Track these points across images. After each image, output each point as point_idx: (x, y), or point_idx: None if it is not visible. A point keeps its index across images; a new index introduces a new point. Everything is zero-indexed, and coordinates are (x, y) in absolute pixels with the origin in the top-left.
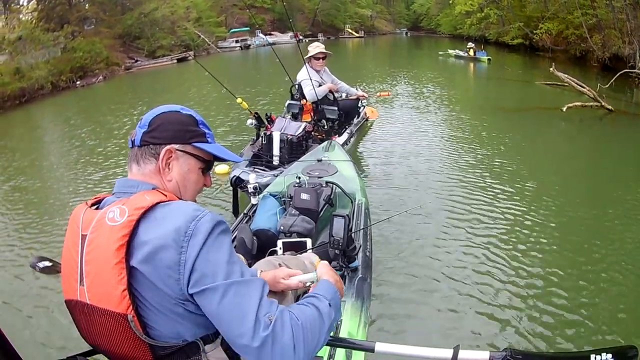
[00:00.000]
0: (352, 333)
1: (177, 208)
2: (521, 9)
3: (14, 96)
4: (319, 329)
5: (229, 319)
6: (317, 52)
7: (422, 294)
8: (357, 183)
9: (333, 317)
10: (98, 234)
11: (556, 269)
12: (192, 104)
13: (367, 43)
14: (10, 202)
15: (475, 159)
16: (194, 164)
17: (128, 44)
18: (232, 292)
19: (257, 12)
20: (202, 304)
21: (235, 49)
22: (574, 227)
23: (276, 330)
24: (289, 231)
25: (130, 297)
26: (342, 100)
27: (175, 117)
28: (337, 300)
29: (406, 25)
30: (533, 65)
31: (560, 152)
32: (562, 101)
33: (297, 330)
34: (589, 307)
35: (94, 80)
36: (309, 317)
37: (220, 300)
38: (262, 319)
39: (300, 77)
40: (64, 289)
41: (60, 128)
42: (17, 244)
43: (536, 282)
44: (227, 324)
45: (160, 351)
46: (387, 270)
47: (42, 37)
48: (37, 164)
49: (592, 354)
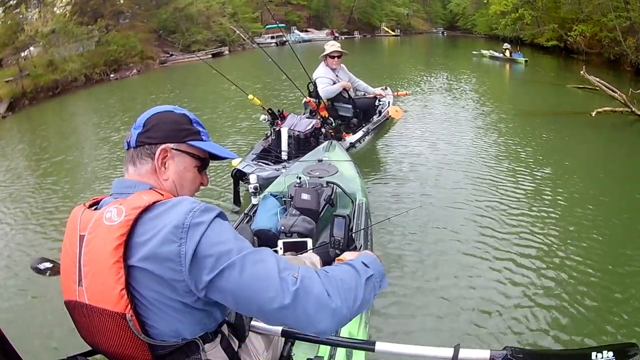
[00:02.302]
0: (353, 333)
1: (173, 205)
2: (556, 10)
3: (47, 88)
4: (355, 279)
5: (255, 288)
6: (332, 50)
7: (422, 293)
8: (358, 183)
9: (371, 273)
10: (96, 234)
11: (556, 269)
12: (224, 97)
13: (403, 42)
14: (27, 198)
15: (493, 161)
16: (189, 162)
17: (163, 38)
18: (249, 263)
19: (293, 9)
20: (222, 287)
21: (271, 45)
22: (582, 226)
23: (305, 282)
24: (289, 231)
25: (128, 297)
26: (359, 98)
27: (169, 116)
28: (376, 263)
29: (442, 24)
30: (566, 68)
31: (585, 158)
32: (593, 105)
33: (327, 280)
34: (589, 305)
35: (127, 73)
36: (340, 270)
37: (240, 273)
38: (287, 278)
39: (315, 75)
40: (63, 289)
41: (92, 119)
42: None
43: (536, 282)
44: (255, 294)
45: (160, 350)
46: (387, 270)
47: (76, 31)
48: (67, 153)
49: (593, 352)
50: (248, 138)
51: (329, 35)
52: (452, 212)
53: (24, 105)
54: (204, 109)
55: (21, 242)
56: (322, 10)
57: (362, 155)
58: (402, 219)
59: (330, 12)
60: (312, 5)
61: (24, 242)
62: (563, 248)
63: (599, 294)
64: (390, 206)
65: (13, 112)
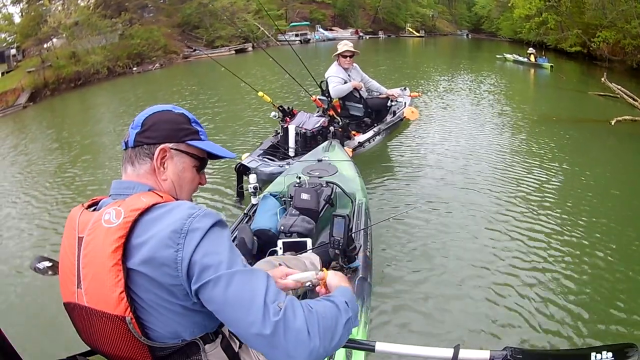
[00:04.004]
0: (353, 333)
1: (172, 208)
2: (579, 16)
3: (69, 79)
4: (335, 319)
5: (237, 308)
6: (344, 49)
7: (422, 293)
8: (358, 183)
9: (350, 315)
10: (94, 236)
11: (557, 270)
12: (245, 91)
13: (427, 43)
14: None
15: (500, 164)
16: (188, 162)
17: (187, 33)
18: (236, 281)
19: (318, 7)
20: (207, 298)
21: (295, 42)
22: (588, 231)
23: (287, 315)
24: (289, 231)
25: (127, 299)
26: (371, 98)
27: (168, 116)
28: (354, 302)
29: (467, 27)
30: (589, 74)
31: (602, 167)
32: (613, 114)
33: (310, 317)
34: (589, 306)
35: (150, 67)
36: (323, 306)
37: (225, 289)
38: (270, 306)
39: (327, 74)
40: (62, 291)
41: (114, 111)
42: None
43: (536, 282)
44: (235, 314)
45: (159, 352)
46: (387, 270)
47: (99, 23)
48: (84, 146)
49: (593, 352)
50: (266, 132)
51: (353, 34)
52: (452, 213)
53: (46, 95)
54: (224, 104)
55: (26, 238)
56: (347, 9)
57: (368, 154)
58: (401, 219)
59: (355, 12)
60: (338, 4)
61: (30, 239)
62: (564, 250)
63: (599, 295)
64: (390, 206)
65: (34, 102)
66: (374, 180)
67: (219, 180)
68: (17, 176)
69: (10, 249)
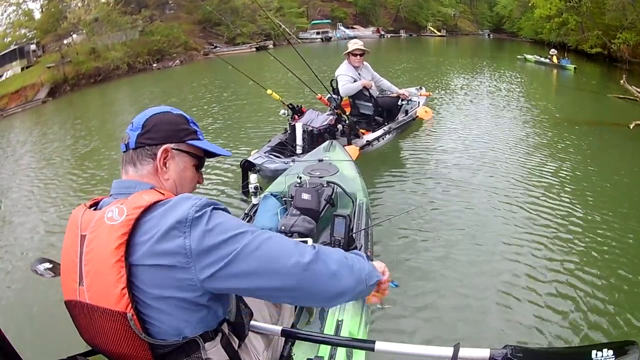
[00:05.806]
0: (353, 333)
1: (174, 203)
2: (600, 17)
3: (89, 75)
4: (353, 261)
5: (273, 260)
6: (354, 48)
7: (422, 293)
8: (358, 183)
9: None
10: (97, 233)
11: (557, 269)
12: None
13: (448, 42)
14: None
15: (513, 169)
16: (188, 161)
17: (208, 30)
18: (264, 241)
19: (339, 5)
20: (238, 270)
21: (316, 40)
22: (592, 232)
23: (322, 249)
24: (289, 231)
25: (129, 296)
26: (381, 97)
27: (168, 117)
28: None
29: (489, 26)
30: (609, 76)
31: (618, 172)
32: (632, 117)
33: (338, 255)
34: (589, 303)
35: (170, 63)
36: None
37: (256, 248)
38: (303, 246)
39: (337, 73)
40: (64, 289)
41: (133, 107)
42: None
43: (536, 281)
44: (272, 262)
45: (160, 350)
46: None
47: (119, 20)
48: (101, 143)
49: (593, 350)
50: (279, 130)
51: (374, 33)
52: (452, 214)
53: (65, 91)
54: (241, 101)
55: (30, 236)
56: (369, 7)
57: (377, 153)
58: (402, 219)
59: (376, 10)
60: (359, 3)
61: (34, 236)
62: (565, 250)
63: (600, 293)
64: (393, 206)
65: (54, 97)
66: (379, 179)
67: (224, 179)
68: (30, 174)
69: (13, 249)
